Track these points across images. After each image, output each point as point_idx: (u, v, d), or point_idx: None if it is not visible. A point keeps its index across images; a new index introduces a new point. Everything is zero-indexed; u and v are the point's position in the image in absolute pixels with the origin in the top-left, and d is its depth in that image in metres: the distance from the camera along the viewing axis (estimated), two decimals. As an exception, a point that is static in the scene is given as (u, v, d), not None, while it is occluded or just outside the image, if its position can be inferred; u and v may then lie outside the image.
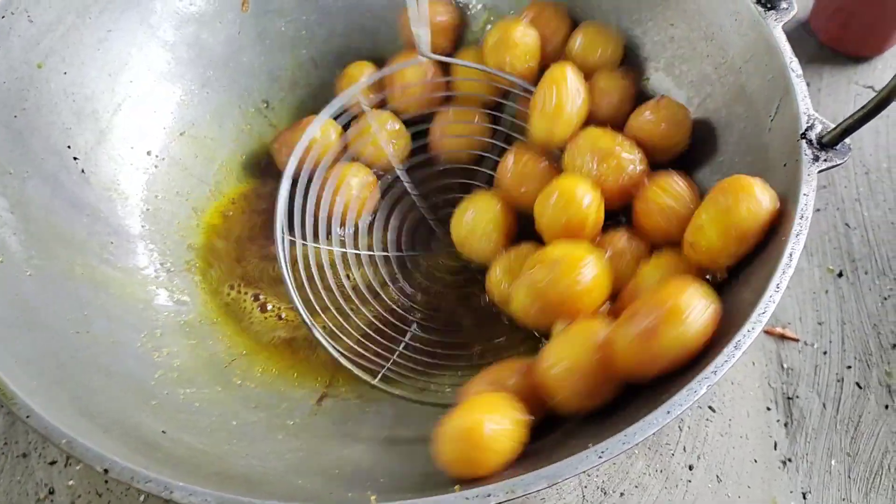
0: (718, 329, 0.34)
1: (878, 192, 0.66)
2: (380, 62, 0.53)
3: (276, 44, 0.53)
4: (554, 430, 0.37)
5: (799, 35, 0.76)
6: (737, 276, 0.38)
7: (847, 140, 0.37)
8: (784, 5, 0.42)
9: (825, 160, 0.36)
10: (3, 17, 0.42)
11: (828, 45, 0.73)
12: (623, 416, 0.33)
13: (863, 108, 0.35)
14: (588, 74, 0.47)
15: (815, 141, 0.37)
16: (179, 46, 0.49)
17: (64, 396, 0.33)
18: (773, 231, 0.36)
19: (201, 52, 0.50)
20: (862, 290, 0.60)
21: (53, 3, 0.45)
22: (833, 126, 0.37)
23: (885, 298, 0.60)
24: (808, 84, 0.69)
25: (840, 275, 0.61)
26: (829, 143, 0.37)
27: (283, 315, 0.47)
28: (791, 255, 0.34)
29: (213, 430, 0.38)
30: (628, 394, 0.35)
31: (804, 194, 0.35)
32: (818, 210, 0.65)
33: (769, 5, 0.42)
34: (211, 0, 0.50)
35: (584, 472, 0.29)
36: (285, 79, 0.53)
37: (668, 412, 0.31)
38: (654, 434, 0.30)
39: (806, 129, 0.37)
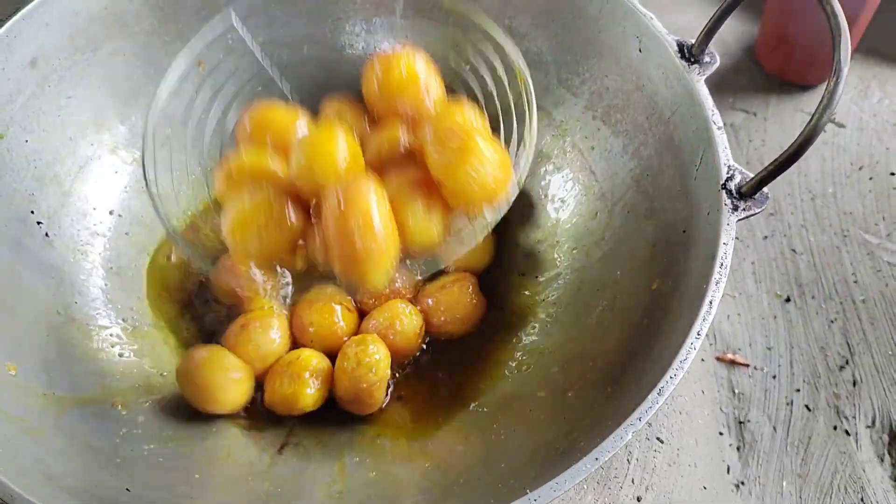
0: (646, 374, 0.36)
1: (824, 217, 0.68)
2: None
3: (232, 102, 0.55)
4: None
5: (746, 66, 0.79)
6: (658, 321, 0.40)
7: (765, 189, 0.39)
8: (707, 59, 0.44)
9: (744, 209, 0.39)
10: (-36, 92, 0.44)
11: (773, 75, 0.76)
12: (560, 462, 0.35)
13: (776, 160, 0.38)
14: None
15: (734, 191, 0.39)
16: (132, 132, 0.52)
17: (28, 460, 0.35)
18: (695, 277, 0.39)
19: (159, 119, 0.52)
20: (809, 314, 0.63)
21: (12, 75, 0.47)
22: (751, 177, 0.39)
23: (832, 322, 0.62)
24: (754, 114, 0.73)
25: (788, 300, 0.64)
26: (747, 192, 0.39)
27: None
28: (711, 301, 0.36)
29: (175, 484, 0.40)
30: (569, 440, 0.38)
31: (724, 243, 0.38)
32: (766, 237, 0.68)
33: (692, 59, 0.44)
34: (164, 84, 0.52)
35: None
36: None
37: (597, 459, 0.33)
38: (600, 468, 0.32)
39: (726, 180, 0.40)
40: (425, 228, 0.40)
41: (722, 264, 0.37)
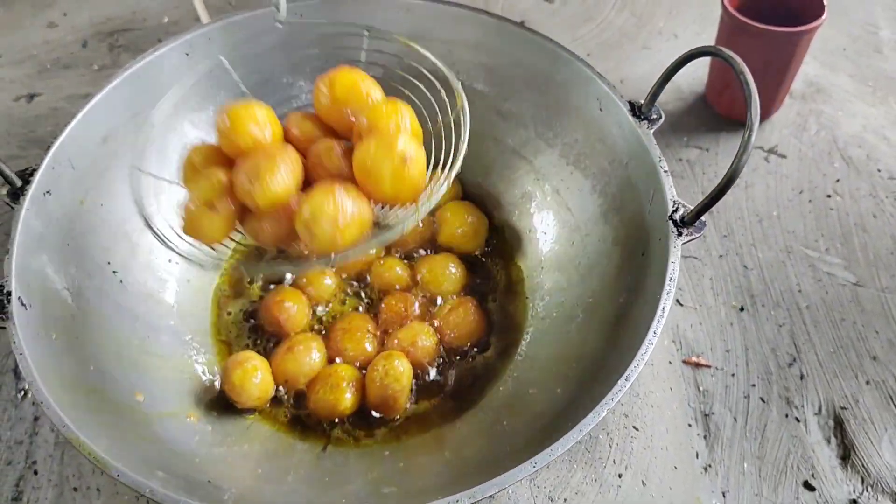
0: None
1: (770, 236, 0.79)
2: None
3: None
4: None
5: (698, 108, 0.90)
6: (625, 326, 0.51)
7: (703, 217, 0.50)
8: (654, 116, 0.55)
9: (687, 235, 0.50)
10: (53, 167, 0.54)
11: (722, 115, 0.87)
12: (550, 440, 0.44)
13: (709, 195, 0.48)
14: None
15: (678, 221, 0.50)
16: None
17: (133, 457, 0.45)
18: (652, 290, 0.49)
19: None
20: (760, 320, 0.73)
21: (88, 151, 0.57)
22: (691, 208, 0.50)
23: (780, 326, 0.72)
24: (707, 149, 0.84)
25: (742, 309, 0.74)
26: (688, 221, 0.50)
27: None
28: (664, 308, 0.47)
29: (243, 476, 0.50)
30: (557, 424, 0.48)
31: (672, 262, 0.48)
32: (721, 256, 0.78)
33: (642, 116, 0.55)
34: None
35: (523, 478, 0.41)
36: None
37: (581, 430, 0.43)
38: (584, 447, 0.41)
39: (672, 212, 0.50)
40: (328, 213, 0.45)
41: (671, 278, 0.48)
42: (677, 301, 0.73)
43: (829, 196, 0.80)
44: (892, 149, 0.85)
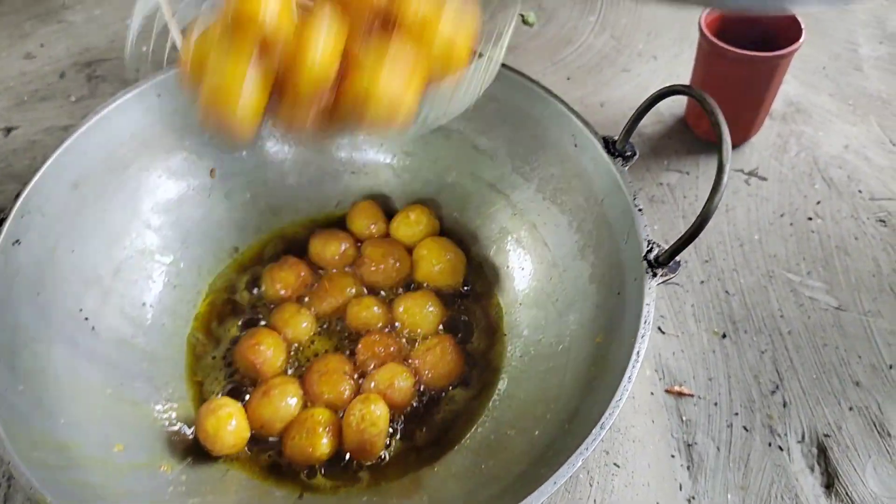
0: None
1: (752, 260, 0.79)
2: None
3: (239, 199, 0.65)
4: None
5: (678, 131, 0.90)
6: (602, 368, 0.50)
7: (677, 258, 0.49)
8: (629, 153, 0.55)
9: (661, 276, 0.49)
10: (22, 216, 0.54)
11: (702, 139, 0.87)
12: (529, 487, 0.44)
13: (683, 235, 0.48)
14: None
15: (652, 261, 0.50)
16: (164, 227, 0.61)
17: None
18: (627, 332, 0.49)
19: (181, 219, 0.62)
20: (743, 347, 0.72)
21: (59, 197, 0.56)
22: (665, 248, 0.50)
23: (763, 352, 0.72)
24: (687, 173, 0.83)
25: (724, 336, 0.73)
26: (663, 262, 0.49)
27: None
28: (638, 352, 0.46)
29: (217, 530, 0.49)
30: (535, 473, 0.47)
31: (647, 304, 0.48)
32: (702, 282, 0.78)
33: (616, 153, 0.55)
34: (187, 184, 0.62)
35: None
36: (250, 227, 0.65)
37: (555, 483, 0.42)
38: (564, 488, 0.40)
39: (646, 253, 0.50)
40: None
41: (646, 321, 0.47)
42: (659, 329, 0.73)
43: (810, 218, 0.80)
44: (873, 169, 0.84)
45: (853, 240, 0.79)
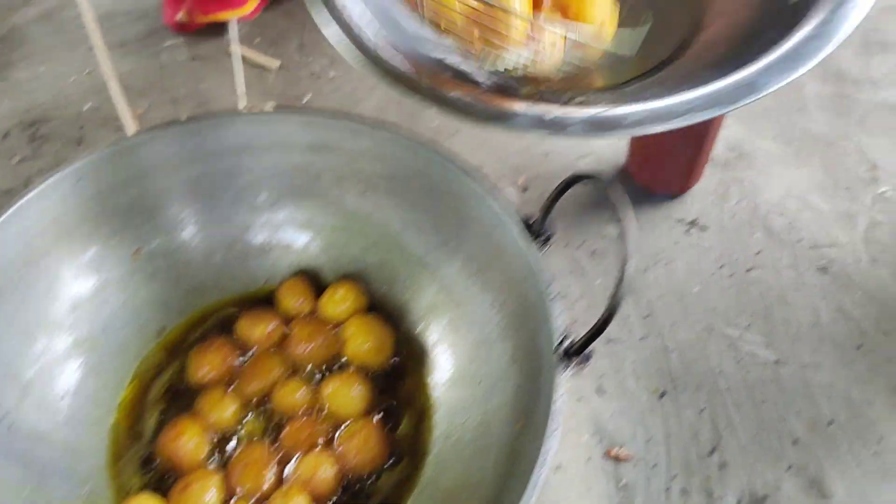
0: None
1: (691, 313, 0.79)
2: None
3: (164, 279, 0.64)
4: None
5: (622, 178, 0.90)
6: (520, 457, 0.50)
7: (588, 349, 0.49)
8: (547, 234, 0.55)
9: (573, 367, 0.49)
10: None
11: (643, 188, 0.87)
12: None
13: (594, 326, 0.48)
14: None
15: (563, 353, 0.49)
16: (85, 314, 0.61)
17: None
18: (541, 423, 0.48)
19: (101, 307, 0.61)
20: (681, 405, 0.73)
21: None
22: (578, 339, 0.49)
23: (701, 410, 0.72)
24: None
25: (663, 394, 0.73)
26: (575, 352, 0.49)
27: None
28: (548, 450, 0.46)
29: None
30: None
31: (555, 401, 0.47)
32: (642, 338, 0.78)
33: (535, 234, 0.55)
34: (109, 269, 0.61)
35: None
36: (176, 307, 0.65)
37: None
38: None
39: (558, 344, 0.50)
40: None
41: (555, 415, 0.47)
42: (598, 389, 0.73)
43: (749, 270, 0.81)
44: (814, 214, 0.85)
45: (793, 291, 0.79)
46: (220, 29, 1.01)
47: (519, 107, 0.48)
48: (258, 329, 0.62)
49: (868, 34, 1.03)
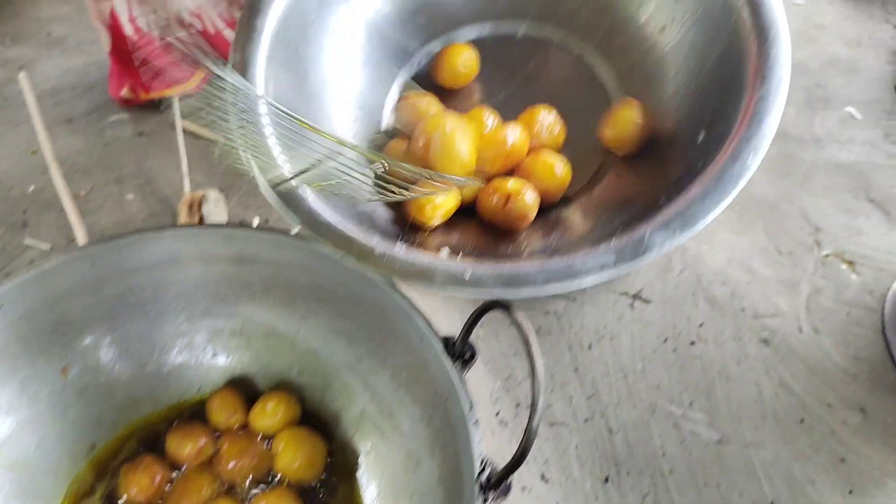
0: None
1: (635, 392, 0.79)
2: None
3: (95, 394, 0.64)
4: None
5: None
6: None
7: (508, 479, 0.49)
8: (468, 355, 0.55)
9: (493, 499, 0.49)
10: None
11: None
12: None
13: (511, 460, 0.48)
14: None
15: (484, 483, 0.49)
16: (10, 445, 0.60)
17: None
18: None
19: (32, 427, 0.61)
20: (625, 491, 0.72)
21: None
22: (498, 470, 0.49)
23: (645, 496, 0.72)
24: (573, 299, 0.83)
25: (606, 480, 0.73)
26: (494, 484, 0.49)
27: None
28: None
29: None
30: None
31: (474, 534, 0.47)
32: (587, 419, 0.78)
33: (455, 356, 0.55)
34: (34, 389, 0.61)
35: None
36: (108, 422, 0.64)
37: None
38: None
39: (479, 473, 0.50)
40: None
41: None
42: (542, 476, 0.73)
43: (692, 343, 0.81)
44: (757, 282, 0.85)
45: (735, 364, 0.80)
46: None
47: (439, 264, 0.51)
48: (188, 446, 0.61)
49: (811, 90, 1.04)
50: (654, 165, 0.65)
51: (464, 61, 0.83)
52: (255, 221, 0.90)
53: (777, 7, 0.62)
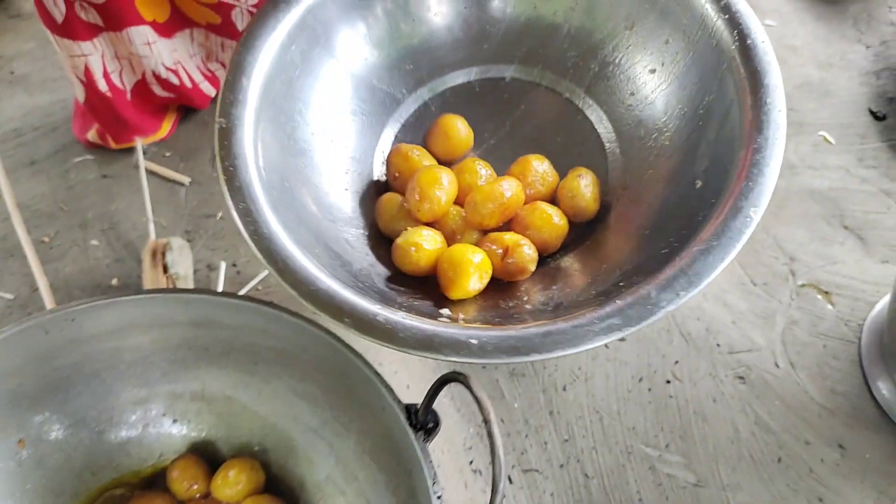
0: None
1: (611, 435, 0.78)
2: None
3: (54, 464, 0.62)
4: None
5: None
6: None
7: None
8: (431, 424, 0.53)
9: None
10: None
11: (560, 299, 0.85)
12: None
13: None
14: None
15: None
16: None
17: None
18: None
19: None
20: (601, 539, 0.71)
21: None
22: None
23: (622, 543, 0.71)
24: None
25: (583, 528, 0.72)
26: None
27: None
28: None
29: None
30: None
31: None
32: (562, 465, 0.77)
33: (418, 426, 0.53)
34: None
35: None
36: (68, 492, 0.63)
37: None
38: None
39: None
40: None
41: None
42: (518, 527, 0.72)
43: (668, 381, 0.80)
44: (732, 316, 0.84)
45: (711, 402, 0.79)
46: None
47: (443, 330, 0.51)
48: (149, 518, 0.60)
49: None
50: (653, 213, 0.63)
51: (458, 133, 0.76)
52: (223, 266, 0.88)
53: (769, 53, 0.61)
